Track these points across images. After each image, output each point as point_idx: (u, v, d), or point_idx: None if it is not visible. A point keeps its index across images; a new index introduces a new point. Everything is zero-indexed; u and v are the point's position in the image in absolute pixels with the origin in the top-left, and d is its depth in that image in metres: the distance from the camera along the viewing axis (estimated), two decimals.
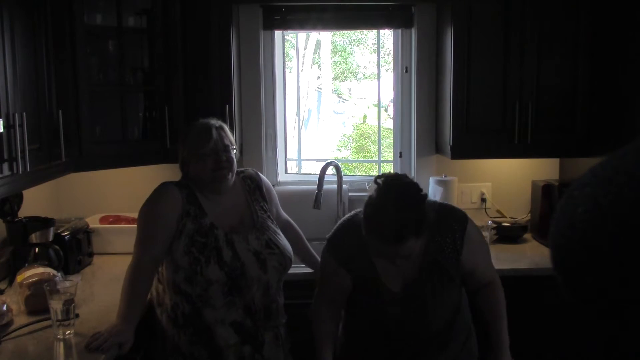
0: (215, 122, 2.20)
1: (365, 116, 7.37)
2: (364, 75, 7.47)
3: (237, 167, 2.26)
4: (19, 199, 2.60)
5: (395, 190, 1.82)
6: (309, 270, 2.56)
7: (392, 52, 3.46)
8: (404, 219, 1.78)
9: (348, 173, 4.06)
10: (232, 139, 2.22)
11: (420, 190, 1.86)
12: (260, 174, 2.37)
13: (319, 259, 2.47)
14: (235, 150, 2.20)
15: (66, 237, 2.64)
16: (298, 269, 2.63)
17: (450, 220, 1.99)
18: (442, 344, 2.06)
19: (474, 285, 2.10)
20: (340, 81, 7.83)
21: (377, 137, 4.00)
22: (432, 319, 2.01)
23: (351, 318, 2.13)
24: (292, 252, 2.24)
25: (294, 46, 4.41)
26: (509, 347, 2.07)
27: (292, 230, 2.46)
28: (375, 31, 3.65)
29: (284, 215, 2.47)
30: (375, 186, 1.86)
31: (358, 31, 6.81)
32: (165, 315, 2.12)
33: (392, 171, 3.39)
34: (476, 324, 2.19)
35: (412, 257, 1.92)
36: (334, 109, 7.80)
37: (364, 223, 1.84)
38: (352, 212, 2.08)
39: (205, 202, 2.14)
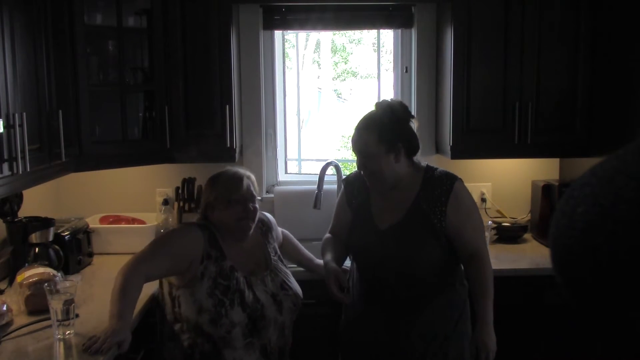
0: (244, 171, 2.23)
1: None
2: (364, 75, 7.47)
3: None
4: (19, 199, 2.60)
5: (393, 99, 2.23)
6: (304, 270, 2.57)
7: (392, 52, 3.46)
8: (377, 113, 2.14)
9: (348, 173, 4.05)
10: (257, 189, 2.26)
11: (407, 107, 2.18)
12: (269, 216, 2.41)
13: (317, 261, 2.48)
14: (259, 201, 2.23)
15: (66, 237, 2.64)
16: (295, 268, 2.62)
17: (443, 177, 2.16)
18: (420, 303, 2.12)
19: (461, 253, 2.14)
20: (340, 81, 7.83)
21: None
22: (410, 265, 2.09)
23: (352, 264, 2.31)
24: (301, 293, 2.27)
25: (294, 46, 4.41)
26: (492, 323, 2.10)
27: (290, 243, 2.49)
28: (375, 31, 3.65)
29: (280, 231, 2.49)
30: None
31: (358, 31, 6.81)
32: (180, 352, 2.11)
33: None
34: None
35: (384, 185, 2.14)
36: (334, 109, 7.80)
37: None
38: None
39: (225, 245, 2.16)
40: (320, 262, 2.44)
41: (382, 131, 2.08)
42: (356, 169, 2.33)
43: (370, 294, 2.20)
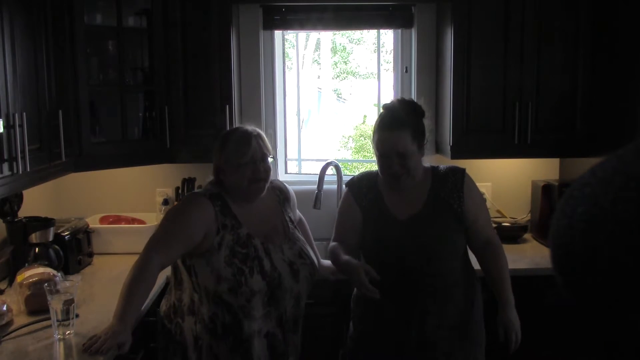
0: (253, 130, 2.15)
1: (365, 116, 7.37)
2: (364, 75, 7.47)
3: None
4: (19, 199, 2.60)
5: (403, 98, 2.28)
6: None
7: (392, 52, 3.46)
8: (401, 113, 2.15)
9: (348, 173, 4.06)
10: (269, 146, 2.18)
11: (420, 107, 2.21)
12: (286, 185, 2.34)
13: (321, 262, 2.47)
14: (271, 158, 2.16)
15: (66, 237, 2.64)
16: None
17: (452, 168, 2.24)
18: (445, 292, 2.13)
19: (476, 240, 2.20)
20: (340, 81, 7.83)
21: None
22: (437, 251, 2.11)
23: (365, 258, 2.25)
24: (317, 264, 2.23)
25: (294, 46, 4.41)
26: (514, 304, 2.15)
27: (303, 228, 2.45)
28: (375, 31, 3.65)
29: (298, 212, 2.44)
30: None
31: (358, 31, 6.82)
32: (201, 325, 2.06)
33: None
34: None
35: (413, 183, 2.14)
36: (334, 109, 7.81)
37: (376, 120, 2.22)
38: None
39: (239, 211, 2.11)
40: (325, 262, 2.44)
41: (412, 129, 2.12)
42: (360, 173, 2.32)
43: (390, 288, 2.14)
